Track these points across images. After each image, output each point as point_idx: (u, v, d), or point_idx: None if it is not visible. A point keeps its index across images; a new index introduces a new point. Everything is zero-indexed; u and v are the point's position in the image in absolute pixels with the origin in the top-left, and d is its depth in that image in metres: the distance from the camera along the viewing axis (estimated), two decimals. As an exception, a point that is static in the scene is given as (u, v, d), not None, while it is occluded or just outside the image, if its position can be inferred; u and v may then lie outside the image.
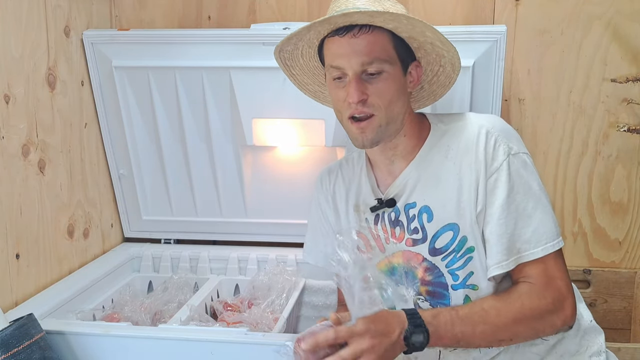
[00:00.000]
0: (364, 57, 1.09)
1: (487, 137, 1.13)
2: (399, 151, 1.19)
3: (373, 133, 1.12)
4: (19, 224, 1.44)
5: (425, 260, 1.17)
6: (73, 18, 1.66)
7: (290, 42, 1.16)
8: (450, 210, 1.14)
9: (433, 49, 1.16)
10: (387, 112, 1.11)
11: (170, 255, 1.85)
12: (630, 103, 1.74)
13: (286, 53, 1.21)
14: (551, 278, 1.09)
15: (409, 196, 1.18)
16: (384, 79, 1.10)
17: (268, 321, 1.48)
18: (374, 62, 1.09)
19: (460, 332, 1.04)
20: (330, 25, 1.10)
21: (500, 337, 1.08)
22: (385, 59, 1.10)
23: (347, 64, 1.10)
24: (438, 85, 1.26)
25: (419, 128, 1.20)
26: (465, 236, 1.13)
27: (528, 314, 1.07)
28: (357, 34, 1.09)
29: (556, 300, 1.08)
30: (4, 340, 1.18)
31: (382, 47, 1.10)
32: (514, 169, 1.11)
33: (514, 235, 1.10)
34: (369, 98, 1.10)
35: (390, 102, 1.11)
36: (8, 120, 1.40)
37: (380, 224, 1.22)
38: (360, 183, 1.27)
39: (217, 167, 1.81)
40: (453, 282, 1.15)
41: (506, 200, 1.10)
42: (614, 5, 1.70)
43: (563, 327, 1.12)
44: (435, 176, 1.16)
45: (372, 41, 1.09)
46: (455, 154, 1.15)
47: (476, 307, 1.08)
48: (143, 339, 1.31)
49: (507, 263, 1.10)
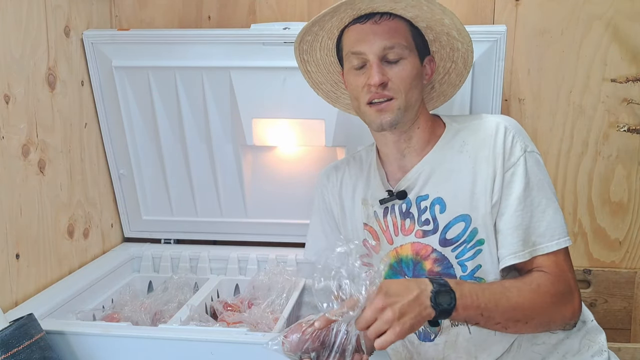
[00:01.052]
0: (386, 41, 1.12)
1: (505, 133, 1.15)
2: (412, 144, 1.20)
3: (392, 114, 1.14)
4: (19, 224, 1.44)
5: (435, 251, 1.17)
6: (73, 18, 1.66)
7: (312, 30, 1.17)
8: (463, 202, 1.15)
9: (448, 42, 1.18)
10: (407, 97, 1.14)
11: (170, 255, 1.85)
12: (630, 103, 1.74)
13: (305, 44, 1.22)
14: (563, 270, 1.11)
15: (421, 188, 1.19)
16: (403, 64, 1.13)
17: (268, 321, 1.48)
18: (395, 47, 1.12)
19: (484, 303, 1.03)
20: (353, 11, 1.13)
21: (517, 316, 1.07)
22: (405, 45, 1.13)
23: (368, 48, 1.12)
24: (449, 85, 1.28)
25: (432, 125, 1.22)
26: (477, 228, 1.14)
27: (544, 297, 1.08)
28: (379, 21, 1.13)
29: (567, 291, 1.10)
30: (4, 340, 1.18)
31: (403, 34, 1.14)
32: (529, 166, 1.13)
33: (529, 227, 1.12)
34: (389, 82, 1.12)
35: (410, 87, 1.14)
36: (8, 120, 1.40)
37: (390, 216, 1.23)
38: (368, 178, 1.28)
39: (217, 167, 1.81)
40: (462, 274, 1.16)
41: (523, 193, 1.12)
42: (614, 5, 1.70)
43: (570, 322, 1.13)
44: (448, 169, 1.18)
45: (393, 27, 1.13)
46: (471, 148, 1.17)
47: (497, 284, 1.09)
48: (143, 339, 1.31)
49: (523, 254, 1.11)
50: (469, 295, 1.02)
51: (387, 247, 1.23)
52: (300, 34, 1.18)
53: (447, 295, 0.99)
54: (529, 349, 1.17)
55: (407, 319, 0.95)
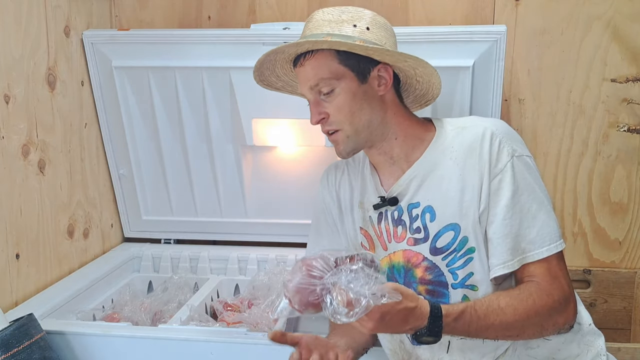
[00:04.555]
0: (309, 82, 1.16)
1: (491, 139, 1.14)
2: (396, 154, 1.20)
3: (343, 144, 1.18)
4: (19, 224, 1.44)
5: (426, 259, 1.17)
6: (73, 18, 1.66)
7: (262, 73, 1.25)
8: (452, 211, 1.14)
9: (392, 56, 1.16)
10: (352, 124, 1.16)
11: (170, 255, 1.85)
12: (630, 103, 1.74)
13: (264, 82, 1.28)
14: (555, 277, 1.10)
15: (412, 196, 1.19)
16: (337, 94, 1.15)
17: (268, 321, 1.48)
18: (319, 84, 1.15)
19: (475, 329, 1.05)
20: (284, 55, 1.18)
21: (509, 333, 1.08)
22: (329, 77, 1.14)
23: (302, 90, 1.19)
24: (423, 83, 1.24)
25: (416, 130, 1.21)
26: (467, 236, 1.14)
27: (539, 311, 1.07)
28: (303, 62, 1.16)
29: (561, 299, 1.09)
30: (4, 340, 1.18)
31: (326, 67, 1.14)
32: (517, 171, 1.12)
33: (518, 235, 1.11)
34: (330, 116, 1.16)
35: (352, 113, 1.15)
36: (8, 120, 1.40)
37: (384, 222, 1.22)
38: (364, 181, 1.28)
39: (217, 167, 1.82)
40: (453, 281, 1.16)
41: (511, 200, 1.11)
42: (614, 5, 1.70)
43: (564, 327, 1.12)
44: (439, 176, 1.17)
45: (315, 65, 1.15)
46: (459, 155, 1.16)
47: (494, 305, 1.07)
48: (143, 339, 1.31)
49: (512, 263, 1.11)
50: (460, 329, 1.04)
51: (382, 252, 1.23)
52: (256, 75, 1.25)
53: (431, 338, 1.01)
54: (524, 352, 1.16)
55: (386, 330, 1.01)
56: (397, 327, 1.00)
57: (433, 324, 1.01)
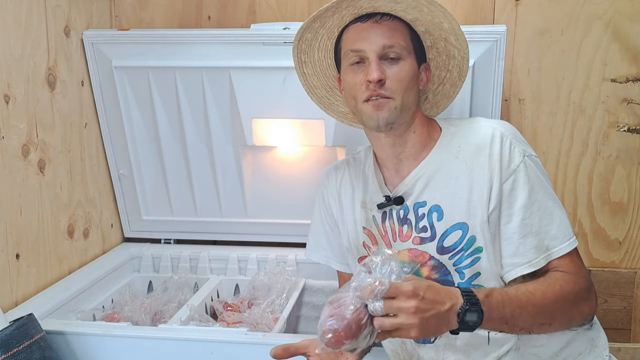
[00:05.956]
0: (386, 40, 1.12)
1: (502, 140, 1.14)
2: (407, 148, 1.20)
3: (389, 112, 1.13)
4: (19, 224, 1.44)
5: (432, 258, 1.17)
6: (73, 18, 1.66)
7: (313, 26, 1.17)
8: (460, 210, 1.14)
9: (445, 48, 1.18)
10: (403, 98, 1.13)
11: (170, 255, 1.85)
12: (630, 103, 1.74)
13: (304, 43, 1.22)
14: (579, 267, 1.12)
15: (418, 195, 1.19)
16: (401, 65, 1.13)
17: (268, 321, 1.48)
18: (394, 46, 1.12)
19: (509, 312, 1.02)
20: (354, 9, 1.13)
21: (541, 320, 1.06)
22: (404, 45, 1.14)
23: (368, 46, 1.13)
24: (442, 96, 1.28)
25: (428, 130, 1.22)
26: (474, 236, 1.14)
27: (567, 297, 1.07)
28: (379, 20, 1.13)
29: (585, 288, 1.10)
30: (4, 340, 1.18)
31: (402, 35, 1.14)
32: (531, 170, 1.13)
33: (540, 233, 1.11)
34: (387, 81, 1.12)
35: (407, 88, 1.14)
36: (8, 120, 1.40)
37: (388, 222, 1.22)
38: (367, 180, 1.28)
39: (217, 167, 1.81)
40: (459, 281, 1.15)
41: (528, 200, 1.11)
42: (614, 5, 1.70)
43: (588, 317, 1.14)
44: (446, 176, 1.17)
45: (393, 28, 1.13)
46: (467, 154, 1.16)
47: (522, 289, 1.06)
48: (143, 339, 1.31)
49: (537, 261, 1.11)
50: (495, 309, 1.00)
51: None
52: (300, 31, 1.18)
53: (475, 314, 0.97)
54: (528, 351, 1.16)
55: (429, 332, 0.94)
56: (436, 304, 0.94)
57: (468, 298, 0.97)
